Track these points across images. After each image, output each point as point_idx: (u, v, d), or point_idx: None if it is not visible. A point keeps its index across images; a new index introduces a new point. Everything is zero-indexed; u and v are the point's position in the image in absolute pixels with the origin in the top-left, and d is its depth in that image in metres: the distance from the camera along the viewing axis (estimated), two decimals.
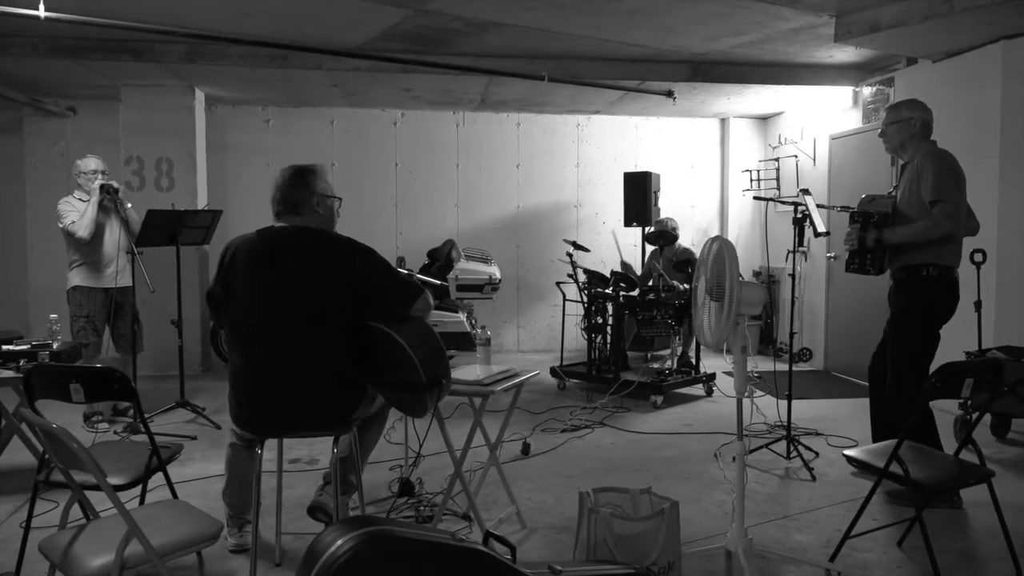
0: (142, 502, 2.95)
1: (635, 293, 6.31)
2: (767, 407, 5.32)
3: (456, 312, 7.09)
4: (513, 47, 6.10)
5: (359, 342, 2.76)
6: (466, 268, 7.26)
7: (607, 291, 6.44)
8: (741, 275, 2.84)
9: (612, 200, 8.33)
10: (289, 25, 5.51)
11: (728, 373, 7.06)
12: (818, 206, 4.36)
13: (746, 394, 2.95)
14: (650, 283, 6.99)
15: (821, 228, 4.23)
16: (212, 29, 5.50)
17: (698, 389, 6.39)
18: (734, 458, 4.44)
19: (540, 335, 8.67)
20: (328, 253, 2.78)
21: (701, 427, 5.31)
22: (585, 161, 8.68)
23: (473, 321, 7.27)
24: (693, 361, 6.53)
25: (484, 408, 3.29)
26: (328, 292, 2.72)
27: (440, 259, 7.39)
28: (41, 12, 4.66)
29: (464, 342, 6.81)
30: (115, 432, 5.00)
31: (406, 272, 3.93)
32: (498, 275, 7.32)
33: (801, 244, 4.31)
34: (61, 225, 5.10)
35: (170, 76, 6.69)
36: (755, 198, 4.79)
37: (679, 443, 4.94)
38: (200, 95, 7.32)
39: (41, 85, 7.15)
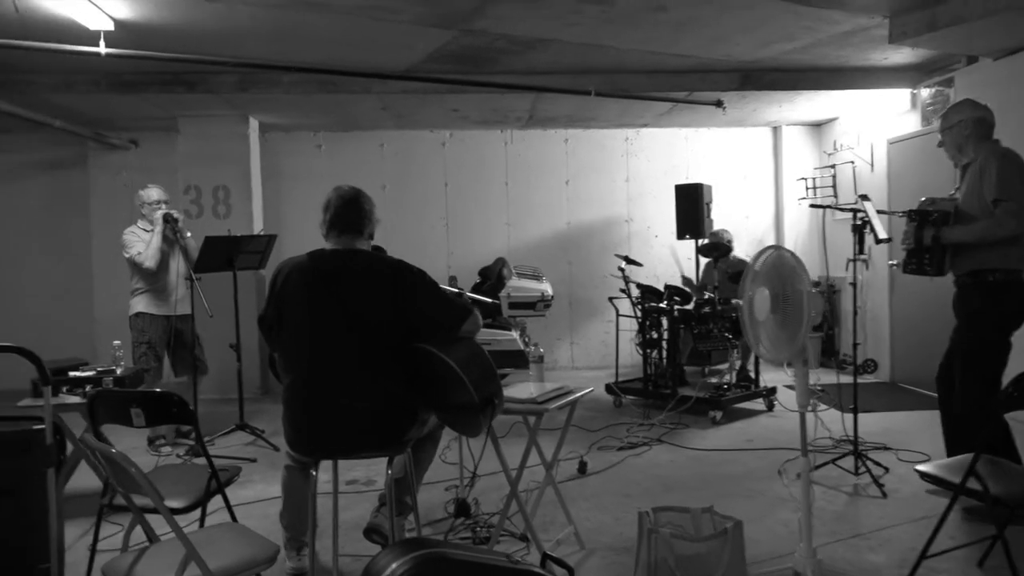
0: (202, 525, 2.98)
1: (690, 307, 6.20)
2: (832, 421, 5.14)
3: (509, 330, 7.06)
4: (559, 63, 6.09)
5: (410, 364, 2.76)
6: (518, 286, 7.24)
7: (661, 305, 6.34)
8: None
9: (663, 213, 8.24)
10: (337, 51, 5.60)
11: (789, 387, 6.87)
12: (878, 212, 4.21)
13: (809, 408, 2.84)
14: (706, 296, 6.86)
15: (882, 234, 4.09)
16: (263, 58, 5.63)
17: (758, 403, 6.22)
18: (799, 475, 4.32)
19: (594, 351, 8.59)
20: (381, 275, 2.79)
21: (763, 443, 5.16)
22: (635, 175, 8.60)
23: (526, 339, 7.23)
24: (752, 375, 6.37)
25: (539, 426, 3.24)
26: (381, 314, 2.73)
27: (492, 277, 7.39)
28: (102, 49, 4.84)
29: (517, 360, 6.76)
30: (177, 455, 5.09)
31: (456, 291, 3.93)
32: (550, 292, 7.28)
33: (862, 251, 4.17)
34: (127, 255, 5.23)
35: (225, 106, 6.87)
36: (812, 206, 4.67)
37: (741, 460, 4.81)
38: (254, 123, 7.50)
39: (104, 120, 7.41)
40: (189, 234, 5.39)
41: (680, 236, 7.45)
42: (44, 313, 7.93)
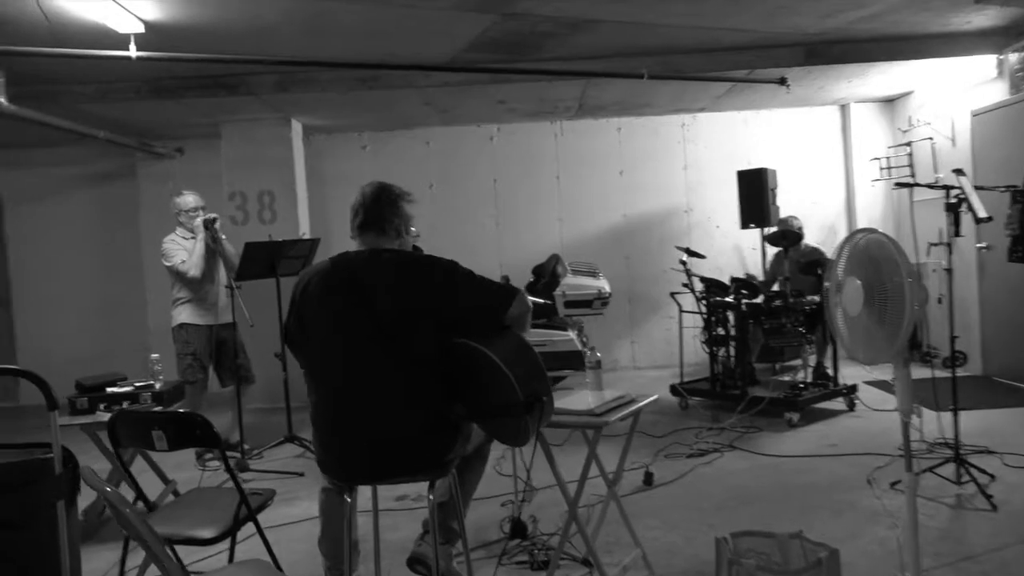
0: (231, 556, 2.74)
1: (759, 300, 5.75)
2: (924, 422, 4.66)
3: (565, 330, 6.72)
4: (608, 46, 5.73)
5: (447, 367, 2.44)
6: (573, 283, 6.88)
7: (727, 299, 5.92)
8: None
9: (725, 202, 7.80)
10: (375, 44, 5.37)
11: (871, 383, 6.37)
12: (976, 188, 3.74)
13: (915, 413, 2.44)
14: (775, 288, 6.41)
15: (982, 213, 3.61)
16: (299, 56, 5.44)
17: (838, 403, 5.74)
18: (893, 484, 3.89)
19: (656, 350, 8.18)
20: (410, 273, 2.49)
21: (847, 447, 4.71)
22: (693, 163, 8.17)
23: (584, 339, 6.88)
24: (830, 372, 5.89)
25: (597, 441, 2.90)
26: (414, 317, 2.42)
27: (545, 275, 7.05)
28: (132, 52, 4.70)
29: (575, 361, 6.42)
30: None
31: None
32: (607, 289, 6.90)
33: (958, 232, 3.70)
34: (169, 264, 5.09)
35: (266, 108, 6.70)
36: (898, 185, 4.20)
37: (823, 467, 4.38)
38: (297, 126, 7.33)
39: (148, 129, 7.34)
40: (224, 237, 5.20)
41: (744, 225, 6.99)
42: (98, 326, 7.93)
